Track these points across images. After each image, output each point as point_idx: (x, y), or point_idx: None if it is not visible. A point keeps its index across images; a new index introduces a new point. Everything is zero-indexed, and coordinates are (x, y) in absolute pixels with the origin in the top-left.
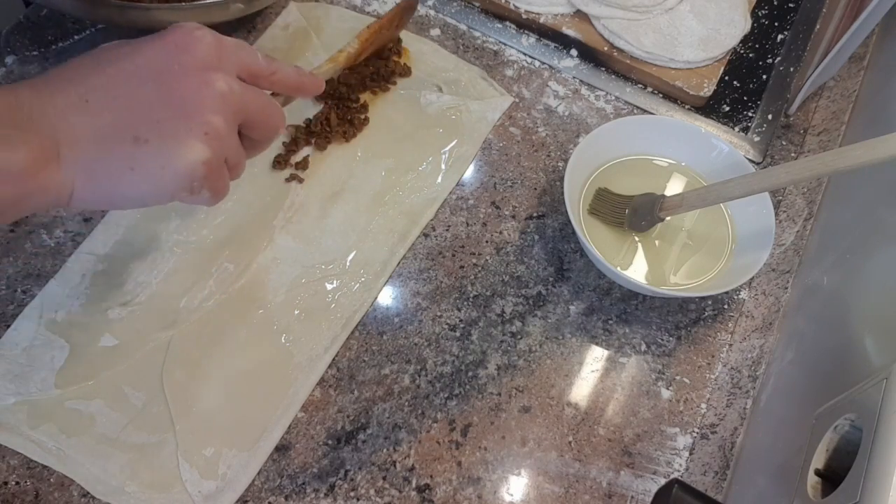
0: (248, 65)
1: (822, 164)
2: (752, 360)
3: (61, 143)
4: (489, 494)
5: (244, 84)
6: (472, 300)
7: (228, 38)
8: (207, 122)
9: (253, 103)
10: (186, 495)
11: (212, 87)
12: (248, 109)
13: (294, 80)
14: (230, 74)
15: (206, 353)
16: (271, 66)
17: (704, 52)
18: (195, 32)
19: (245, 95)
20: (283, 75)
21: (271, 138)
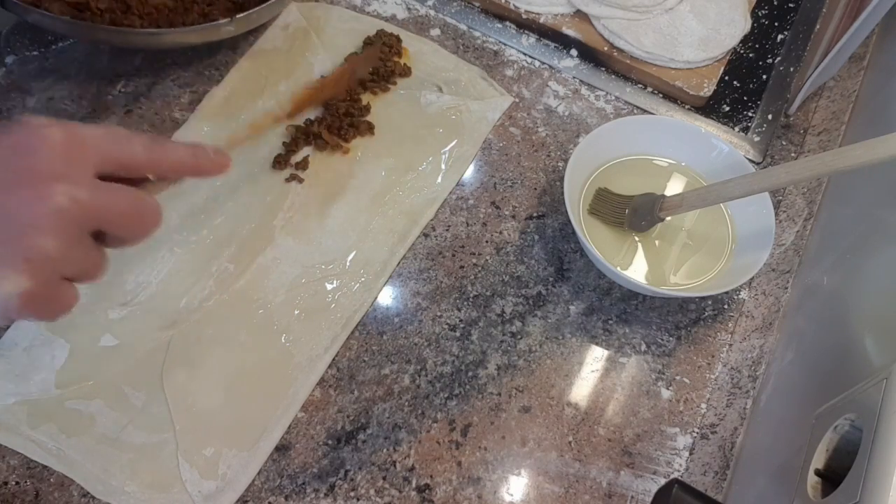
0: (118, 157)
1: (822, 164)
2: (752, 360)
3: None
4: (489, 494)
5: (98, 188)
6: (472, 300)
7: (93, 129)
8: (31, 247)
9: (109, 210)
10: (186, 495)
11: (46, 203)
12: (102, 217)
13: (187, 164)
14: (79, 181)
15: (206, 353)
16: (152, 153)
17: (704, 52)
18: (42, 131)
19: (96, 203)
20: (170, 162)
21: (144, 237)
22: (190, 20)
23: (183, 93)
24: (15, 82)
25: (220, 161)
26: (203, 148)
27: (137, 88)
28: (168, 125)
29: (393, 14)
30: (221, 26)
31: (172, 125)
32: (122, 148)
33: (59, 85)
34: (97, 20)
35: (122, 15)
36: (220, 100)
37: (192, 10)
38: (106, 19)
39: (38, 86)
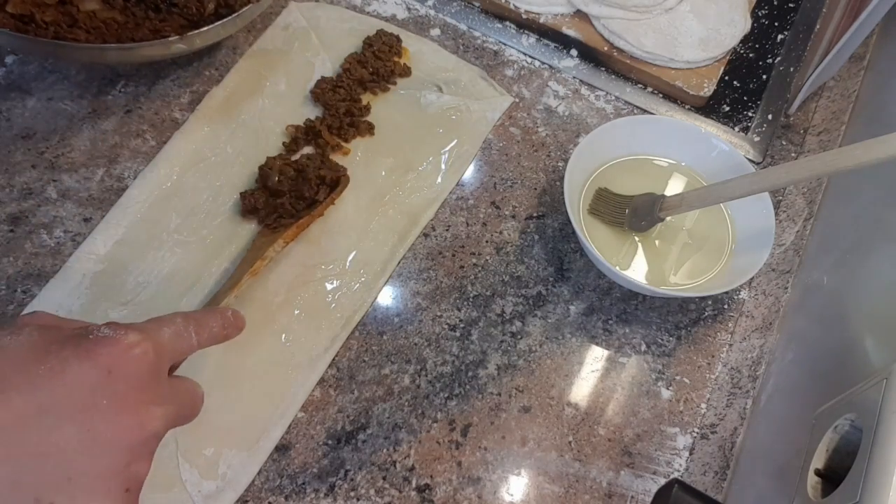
0: (183, 352)
1: (822, 164)
2: (752, 360)
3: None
4: (489, 494)
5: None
6: (472, 300)
7: (165, 331)
8: (131, 478)
9: (183, 414)
10: (186, 495)
11: (146, 430)
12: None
13: (219, 334)
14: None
15: (205, 353)
16: (201, 337)
17: (704, 52)
18: (133, 352)
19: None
20: (209, 339)
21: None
22: (140, 36)
23: (183, 93)
24: (15, 82)
25: (238, 324)
26: (227, 316)
27: (137, 88)
28: (168, 125)
29: (393, 14)
30: (171, 43)
31: (172, 125)
32: (185, 343)
33: (59, 85)
34: (41, 33)
35: (67, 29)
36: (220, 100)
37: (144, 26)
38: (50, 32)
39: (38, 86)
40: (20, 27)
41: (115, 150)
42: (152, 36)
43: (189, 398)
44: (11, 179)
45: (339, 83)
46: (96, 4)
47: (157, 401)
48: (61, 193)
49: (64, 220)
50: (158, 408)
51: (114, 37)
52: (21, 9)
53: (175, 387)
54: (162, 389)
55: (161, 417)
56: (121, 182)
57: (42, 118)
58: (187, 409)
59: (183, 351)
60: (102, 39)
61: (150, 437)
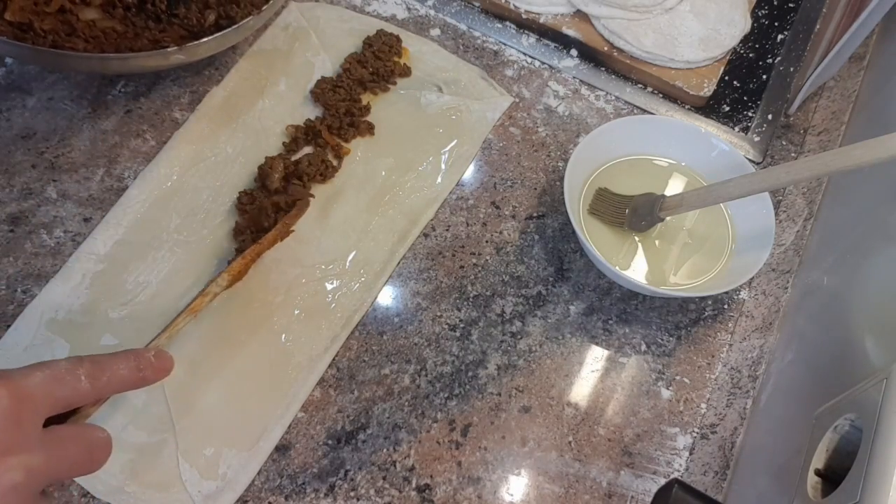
0: (65, 398)
1: (822, 164)
2: (752, 360)
3: None
4: (489, 494)
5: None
6: (472, 300)
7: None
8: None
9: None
10: (186, 495)
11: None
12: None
13: (132, 379)
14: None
15: (206, 353)
16: (98, 382)
17: (704, 52)
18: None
19: (51, 464)
20: (115, 384)
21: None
22: (139, 46)
23: (183, 93)
24: (15, 82)
25: (163, 366)
26: (144, 357)
27: (137, 88)
28: (168, 125)
29: (393, 14)
30: (170, 54)
31: (172, 125)
32: (68, 389)
33: (59, 85)
34: (39, 41)
35: (65, 37)
36: (220, 100)
37: (143, 36)
38: (48, 41)
39: (38, 86)
40: (18, 35)
41: (115, 150)
42: (152, 46)
43: (76, 447)
44: (11, 179)
45: (339, 83)
46: (96, 14)
47: (14, 450)
48: (61, 193)
49: (64, 220)
50: (15, 457)
51: (112, 46)
52: (20, 17)
53: (53, 435)
54: (24, 438)
55: (20, 468)
56: (121, 182)
57: (42, 118)
58: (71, 458)
59: (66, 397)
60: (101, 49)
61: (6, 490)
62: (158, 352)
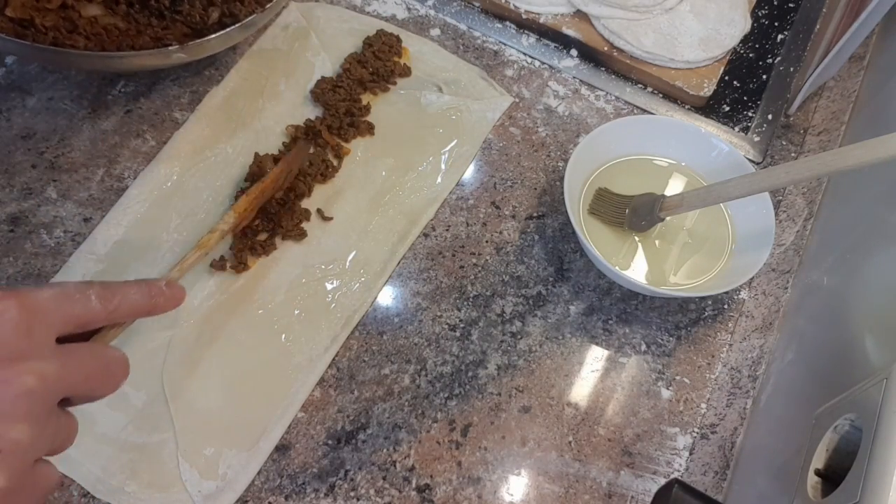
0: (77, 316)
1: (822, 164)
2: (752, 360)
3: None
4: (489, 494)
5: (63, 356)
6: (472, 300)
7: (45, 291)
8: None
9: (78, 376)
10: (186, 495)
11: (13, 387)
12: (71, 385)
13: (143, 305)
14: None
15: (206, 353)
16: (109, 304)
17: (704, 52)
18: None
19: (65, 373)
20: (126, 308)
21: (113, 392)
22: (141, 43)
23: (183, 93)
24: (15, 82)
25: (175, 295)
26: (156, 285)
27: (137, 88)
28: (168, 125)
29: (393, 14)
30: (172, 53)
31: (172, 125)
32: (78, 307)
33: (59, 85)
34: (40, 38)
35: (66, 34)
36: (220, 100)
37: (145, 34)
38: (49, 38)
39: (38, 86)
40: (19, 31)
41: (115, 150)
42: (153, 44)
43: (91, 361)
44: (11, 179)
45: (339, 83)
46: (98, 10)
47: (27, 357)
48: (61, 193)
49: (64, 220)
50: (27, 363)
51: (114, 44)
52: (21, 13)
53: (67, 348)
54: (36, 347)
55: (32, 373)
56: (121, 182)
57: (42, 118)
58: (86, 370)
59: (78, 315)
60: (102, 46)
61: (19, 394)
62: (170, 282)
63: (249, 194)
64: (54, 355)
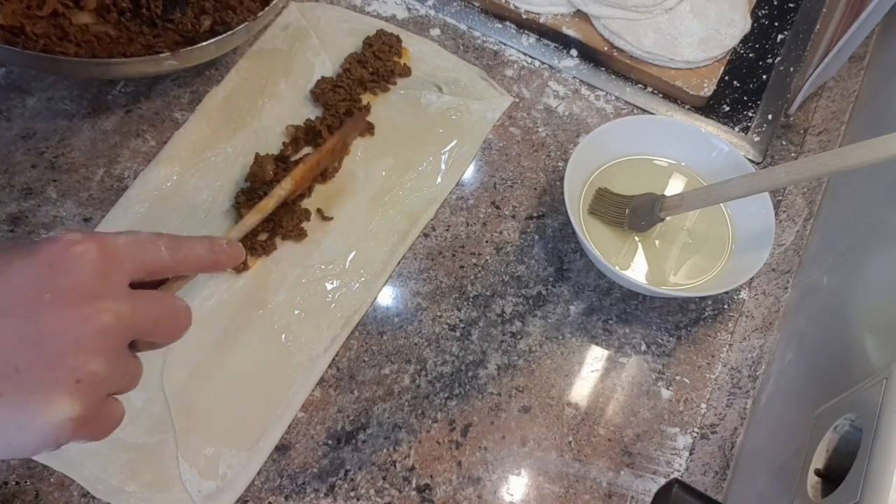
0: (148, 264)
1: (822, 164)
2: (752, 360)
3: None
4: (489, 494)
5: (137, 299)
6: (472, 300)
7: (120, 237)
8: (80, 368)
9: (148, 319)
10: (186, 495)
11: (92, 323)
12: (142, 328)
13: (207, 260)
14: (119, 295)
15: (206, 353)
16: (177, 255)
17: (704, 52)
18: (74, 248)
19: (137, 315)
20: (192, 261)
21: (176, 339)
22: (132, 51)
23: (183, 93)
24: (15, 82)
25: (235, 254)
26: (218, 242)
27: (137, 88)
28: (168, 125)
29: (393, 14)
30: (163, 60)
31: (172, 125)
32: (150, 255)
33: (59, 85)
34: (30, 45)
35: (57, 42)
36: (220, 100)
37: (137, 41)
38: (40, 46)
39: (38, 86)
40: (9, 39)
41: (115, 150)
42: (145, 52)
43: (161, 306)
44: (11, 179)
45: (339, 83)
46: (89, 18)
47: (105, 296)
48: (61, 193)
49: (64, 220)
50: (104, 302)
51: (105, 51)
52: (11, 20)
53: (139, 293)
54: (112, 288)
55: (109, 311)
56: (121, 182)
57: (42, 118)
58: (155, 315)
59: (149, 262)
60: (93, 53)
61: (97, 330)
62: (230, 241)
63: (307, 162)
64: (128, 297)
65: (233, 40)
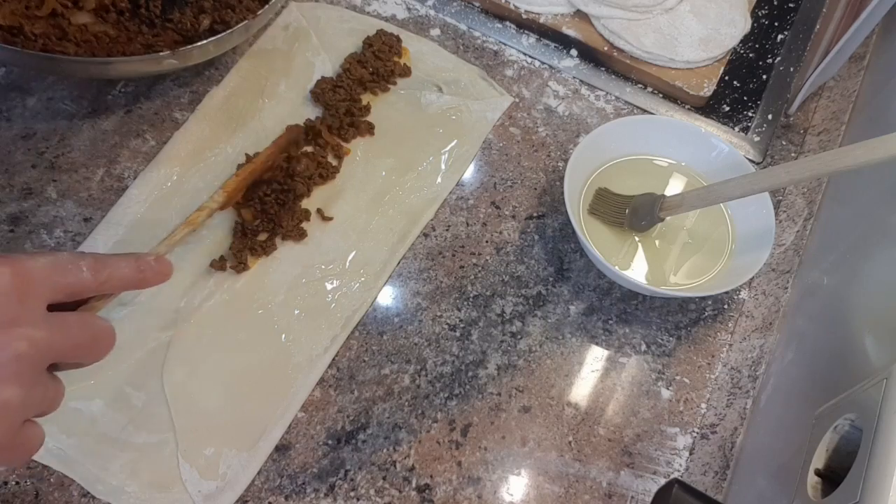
0: (68, 285)
1: (822, 164)
2: (752, 360)
3: None
4: (489, 494)
5: (53, 324)
6: (472, 300)
7: (37, 259)
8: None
9: (67, 343)
10: (186, 495)
11: (5, 351)
12: (60, 351)
13: (132, 279)
14: (35, 320)
15: (206, 353)
16: (99, 276)
17: (704, 52)
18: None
19: (54, 340)
20: (116, 280)
21: (99, 360)
22: (132, 51)
23: (183, 93)
24: (15, 82)
25: (163, 270)
26: (145, 259)
27: (137, 88)
28: (168, 125)
29: (393, 14)
30: (163, 59)
31: (172, 125)
32: (70, 276)
33: (59, 85)
34: (29, 45)
35: (56, 41)
36: (220, 100)
37: (136, 41)
38: (39, 45)
39: (38, 86)
40: (8, 39)
41: (115, 150)
42: (144, 51)
43: (79, 330)
44: (11, 179)
45: (339, 83)
46: (88, 18)
47: (18, 322)
48: (61, 193)
49: (64, 220)
50: (18, 329)
51: (104, 51)
52: (10, 20)
53: (57, 316)
54: (27, 314)
55: (24, 338)
56: (121, 182)
57: (42, 118)
58: (74, 338)
59: (69, 284)
60: (92, 53)
61: (11, 358)
62: (158, 256)
63: (239, 174)
64: (45, 322)
65: (232, 39)
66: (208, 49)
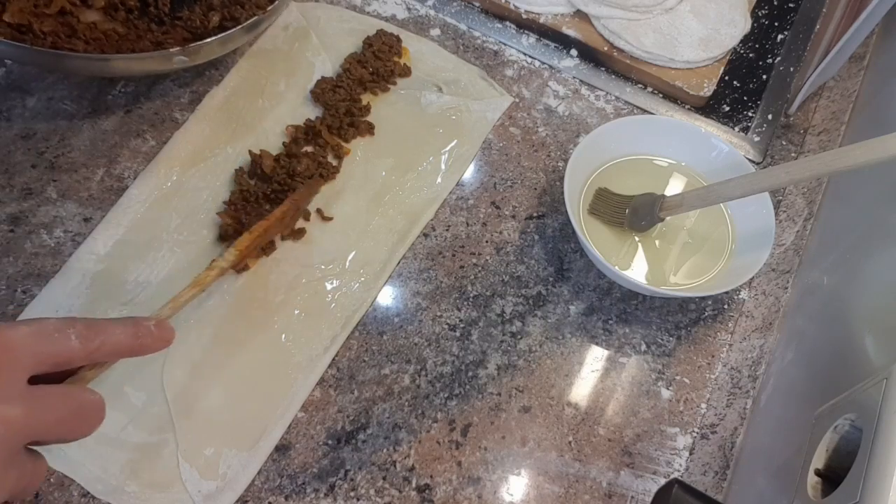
0: (53, 355)
1: (822, 164)
2: (752, 360)
3: None
4: (489, 494)
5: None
6: (472, 300)
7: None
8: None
9: (47, 420)
10: (186, 495)
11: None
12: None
13: (129, 345)
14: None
15: (205, 353)
16: (89, 344)
17: (704, 52)
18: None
19: (32, 418)
20: (109, 347)
21: (87, 436)
22: (141, 48)
23: (183, 93)
24: (15, 82)
25: (163, 335)
26: (144, 324)
27: (137, 88)
28: (168, 125)
29: (393, 14)
30: (173, 55)
31: (172, 125)
32: (57, 345)
33: (59, 85)
34: (38, 43)
35: (65, 39)
36: (221, 100)
37: (145, 38)
38: (48, 43)
39: (38, 86)
40: (17, 37)
41: (115, 150)
42: (153, 49)
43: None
44: (11, 179)
45: (339, 83)
46: (97, 16)
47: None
48: (61, 193)
49: (64, 220)
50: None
51: (113, 48)
52: (19, 18)
53: (37, 391)
54: (4, 388)
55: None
56: (121, 182)
57: (42, 118)
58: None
59: (55, 354)
60: (101, 50)
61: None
62: (159, 321)
63: (253, 231)
64: (22, 398)
65: (242, 36)
66: (219, 46)
